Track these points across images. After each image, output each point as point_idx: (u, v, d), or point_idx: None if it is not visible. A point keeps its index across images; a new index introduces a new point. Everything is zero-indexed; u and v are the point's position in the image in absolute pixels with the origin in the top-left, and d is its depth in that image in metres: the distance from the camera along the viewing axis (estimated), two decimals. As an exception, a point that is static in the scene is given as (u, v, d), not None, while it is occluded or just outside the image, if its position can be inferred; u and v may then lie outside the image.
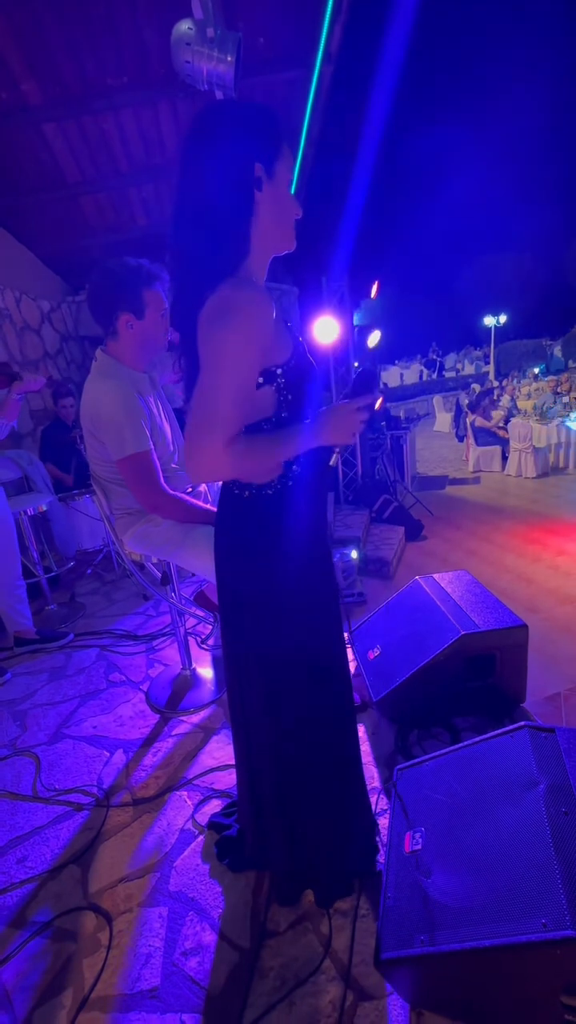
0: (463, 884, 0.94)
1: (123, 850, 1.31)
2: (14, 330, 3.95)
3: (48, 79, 3.00)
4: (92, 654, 2.30)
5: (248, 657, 1.00)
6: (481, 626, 1.55)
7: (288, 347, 0.86)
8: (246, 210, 0.82)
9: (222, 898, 1.16)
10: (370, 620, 1.97)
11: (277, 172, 0.83)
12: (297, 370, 0.86)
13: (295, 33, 2.90)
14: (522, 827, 0.93)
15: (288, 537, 0.90)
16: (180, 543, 1.48)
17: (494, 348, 18.58)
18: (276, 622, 0.94)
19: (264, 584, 0.92)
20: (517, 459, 6.93)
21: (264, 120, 0.82)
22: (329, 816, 1.07)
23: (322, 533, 0.98)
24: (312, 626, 0.96)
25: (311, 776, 1.04)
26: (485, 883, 0.91)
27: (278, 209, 0.85)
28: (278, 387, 0.85)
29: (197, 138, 0.81)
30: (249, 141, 0.80)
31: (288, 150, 0.86)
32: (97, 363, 1.52)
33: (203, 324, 0.80)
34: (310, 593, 0.95)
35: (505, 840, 0.94)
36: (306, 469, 0.91)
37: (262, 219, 0.84)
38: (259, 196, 0.82)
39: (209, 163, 0.80)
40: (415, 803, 1.17)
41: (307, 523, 0.92)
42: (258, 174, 0.81)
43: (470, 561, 4.42)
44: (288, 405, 0.87)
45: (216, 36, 1.78)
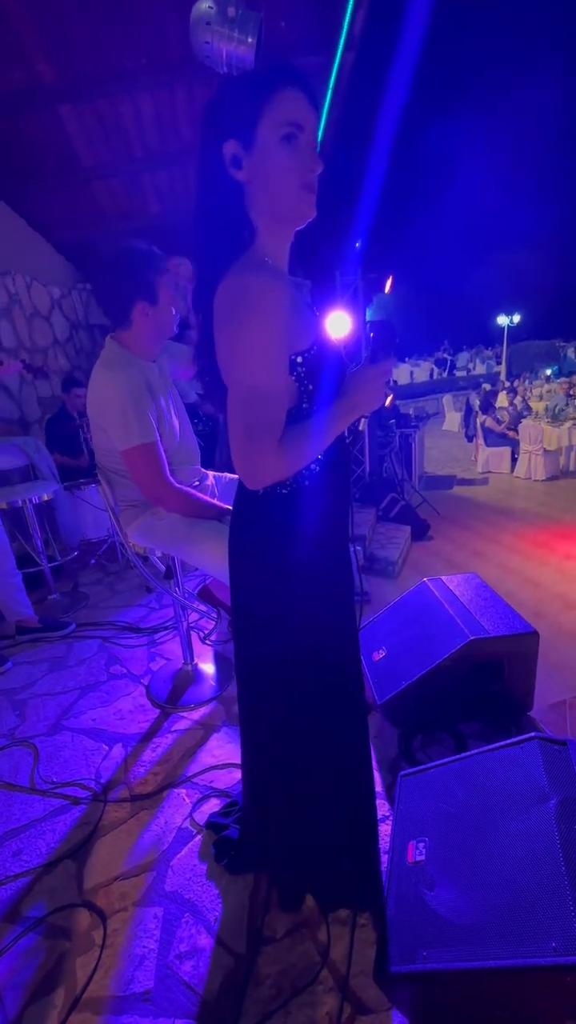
0: (469, 899, 0.91)
1: (119, 847, 1.29)
2: (23, 316, 3.92)
3: (64, 59, 2.94)
4: (94, 645, 2.29)
5: (260, 659, 0.97)
6: (490, 631, 1.51)
7: (310, 333, 0.80)
8: (231, 195, 0.77)
9: (219, 900, 1.14)
10: (376, 621, 1.94)
11: (260, 136, 0.73)
12: (319, 359, 0.80)
13: (317, 18, 2.83)
14: (532, 843, 0.90)
15: (303, 540, 0.86)
16: (184, 537, 1.45)
17: (506, 348, 18.40)
18: (289, 627, 0.90)
19: (277, 588, 0.88)
20: (527, 461, 6.85)
21: (240, 82, 0.75)
22: (336, 822, 1.03)
23: (341, 536, 0.93)
24: (326, 632, 0.92)
25: (320, 781, 1.00)
26: (492, 900, 0.88)
27: (270, 179, 0.75)
28: (298, 377, 0.79)
29: (200, 128, 0.78)
30: (216, 119, 0.75)
31: (287, 97, 0.72)
32: (105, 351, 1.48)
33: (217, 319, 0.76)
34: (325, 598, 0.91)
35: (513, 856, 0.91)
36: (325, 466, 0.86)
37: (258, 196, 0.77)
38: (242, 175, 0.76)
39: (199, 152, 0.78)
40: (418, 811, 1.14)
41: (325, 525, 0.88)
42: (232, 152, 0.75)
43: (476, 562, 4.37)
44: (309, 396, 0.81)
45: (237, 16, 1.73)
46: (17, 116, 3.31)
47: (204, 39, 1.78)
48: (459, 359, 21.88)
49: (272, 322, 0.73)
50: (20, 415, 3.76)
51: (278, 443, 0.75)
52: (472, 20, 45.25)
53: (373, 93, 4.25)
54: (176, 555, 1.56)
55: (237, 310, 0.72)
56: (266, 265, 0.78)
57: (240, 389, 0.75)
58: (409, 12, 3.11)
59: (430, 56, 4.86)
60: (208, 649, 2.14)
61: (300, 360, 0.78)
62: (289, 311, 0.74)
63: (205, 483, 1.67)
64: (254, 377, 0.73)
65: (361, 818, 1.06)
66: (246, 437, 0.74)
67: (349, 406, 0.83)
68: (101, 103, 3.32)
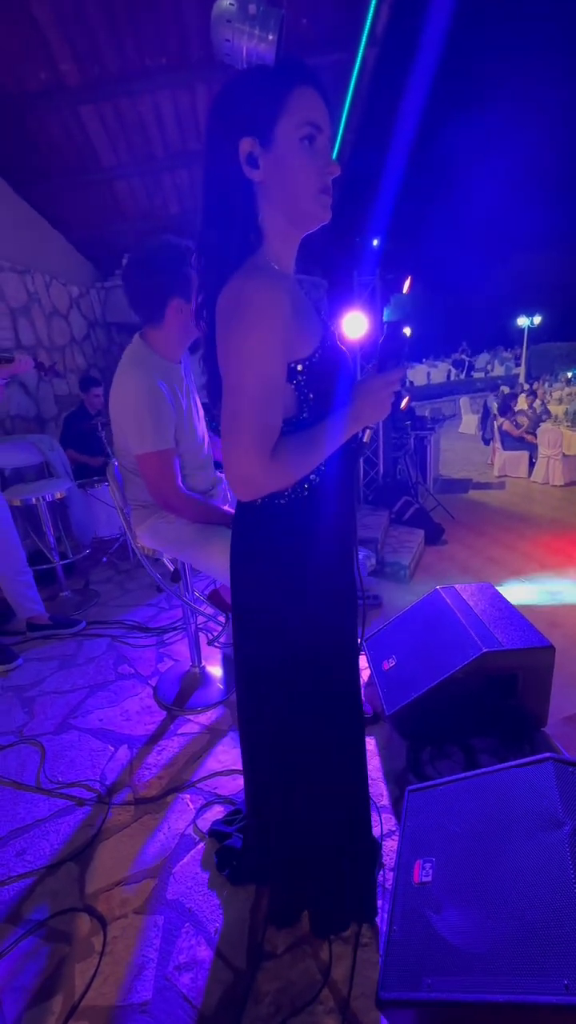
0: (476, 926, 0.88)
1: (122, 851, 1.28)
2: (43, 314, 3.96)
3: (87, 60, 2.96)
4: (103, 644, 2.29)
5: (258, 668, 0.95)
6: (504, 644, 1.47)
7: (312, 341, 0.77)
8: (243, 195, 0.73)
9: (220, 911, 1.12)
10: (386, 628, 1.91)
11: (279, 136, 0.71)
12: (322, 366, 0.78)
13: (340, 14, 2.80)
14: (544, 871, 0.87)
15: (303, 552, 0.83)
16: (192, 542, 1.43)
17: (526, 350, 18.09)
18: (287, 639, 0.88)
19: (275, 601, 0.86)
20: (545, 465, 6.72)
21: (258, 78, 0.71)
22: (331, 837, 1.01)
23: (345, 548, 0.91)
24: (325, 645, 0.90)
25: (316, 794, 0.98)
26: (501, 928, 0.85)
27: (287, 180, 0.72)
28: (298, 385, 0.77)
29: (207, 124, 0.75)
30: (232, 114, 0.71)
31: (304, 95, 0.70)
32: (132, 349, 1.45)
33: (218, 321, 0.74)
34: (325, 613, 0.88)
35: (525, 883, 0.87)
36: (327, 477, 0.83)
37: (272, 197, 0.74)
38: (257, 175, 0.72)
39: (207, 149, 0.74)
40: (426, 830, 1.11)
41: (326, 537, 0.85)
42: (248, 150, 0.71)
43: (490, 569, 4.30)
44: (309, 406, 0.78)
45: (258, 13, 1.70)
46: (40, 116, 3.34)
47: (224, 36, 1.75)
48: (477, 360, 21.59)
49: (270, 328, 0.70)
50: (37, 412, 3.80)
51: (271, 452, 0.73)
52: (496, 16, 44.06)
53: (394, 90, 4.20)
54: (183, 559, 1.55)
55: (236, 315, 0.70)
56: (272, 270, 0.76)
57: (233, 394, 0.72)
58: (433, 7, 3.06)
59: (456, 50, 4.70)
60: (216, 651, 2.13)
61: (300, 368, 0.76)
62: (290, 318, 0.72)
63: (218, 487, 1.65)
64: (248, 383, 0.71)
65: (356, 826, 1.04)
66: (237, 445, 0.72)
67: (353, 416, 0.79)
68: (122, 103, 3.34)
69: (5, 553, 2.24)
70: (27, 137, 3.47)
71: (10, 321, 3.57)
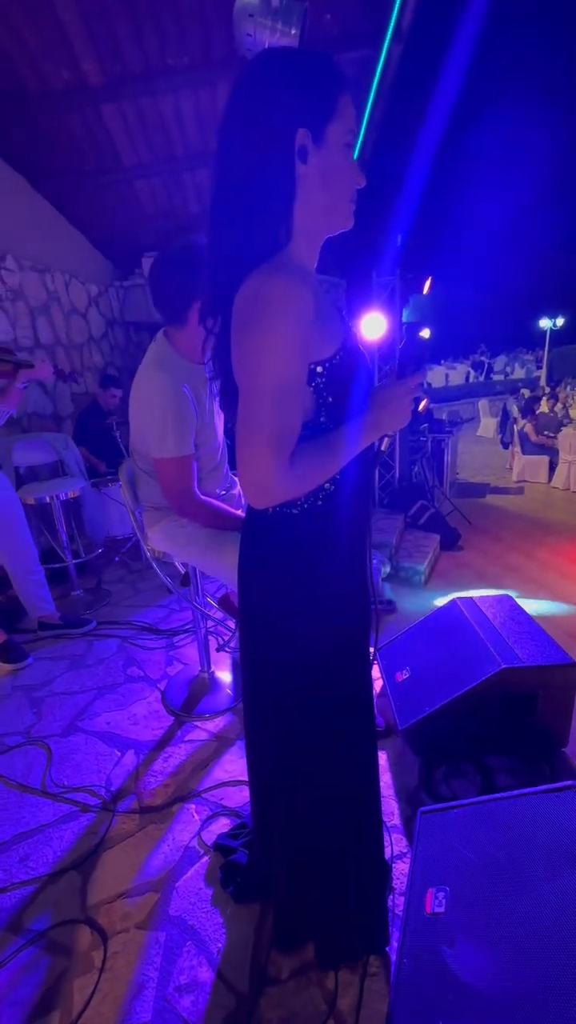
0: (493, 965, 0.83)
1: (125, 862, 1.26)
2: (61, 313, 3.98)
3: (109, 59, 2.96)
4: (113, 645, 2.28)
5: (266, 681, 0.92)
6: (525, 660, 1.41)
7: (334, 342, 0.73)
8: (286, 188, 0.68)
9: (223, 930, 1.09)
10: (400, 638, 1.86)
11: (329, 136, 0.68)
12: (342, 368, 0.74)
13: (364, 10, 2.75)
14: (567, 909, 0.81)
15: (314, 566, 0.79)
16: (203, 547, 1.41)
17: (548, 352, 17.75)
18: (296, 652, 0.84)
19: (285, 612, 0.82)
20: (566, 471, 6.56)
21: (314, 70, 0.67)
22: (338, 857, 0.97)
23: (358, 562, 0.86)
24: (336, 661, 0.86)
25: (323, 811, 0.94)
26: (520, 970, 0.80)
27: (331, 182, 0.71)
28: (317, 388, 0.73)
29: (234, 98, 0.69)
30: (290, 101, 0.66)
31: (348, 104, 0.70)
32: (155, 347, 1.43)
33: (236, 321, 0.69)
34: (335, 627, 0.84)
35: (545, 922, 0.82)
36: (342, 487, 0.79)
37: (310, 195, 0.70)
38: (303, 169, 0.68)
39: (243, 129, 0.67)
40: (440, 856, 1.06)
41: (339, 549, 0.81)
42: (302, 142, 0.67)
43: (508, 577, 4.20)
44: (328, 409, 0.74)
45: (281, 7, 1.67)
46: (62, 115, 3.35)
47: (247, 31, 1.72)
48: (496, 362, 21.25)
49: (294, 327, 0.66)
50: (53, 410, 3.83)
51: (289, 458, 0.69)
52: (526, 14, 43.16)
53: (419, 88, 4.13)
54: (194, 563, 1.52)
55: (258, 312, 0.66)
56: (297, 267, 0.71)
57: (251, 397, 0.68)
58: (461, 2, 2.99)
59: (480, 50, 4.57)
60: (226, 656, 2.10)
61: (320, 370, 0.71)
62: (313, 317, 0.68)
63: (232, 491, 1.62)
64: (267, 384, 0.67)
65: (365, 847, 0.99)
66: (253, 449, 0.68)
67: (371, 424, 0.76)
68: (144, 102, 3.33)
69: (18, 552, 2.24)
70: (49, 136, 3.49)
71: (29, 320, 3.60)
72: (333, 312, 0.77)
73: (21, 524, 2.25)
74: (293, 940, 1.02)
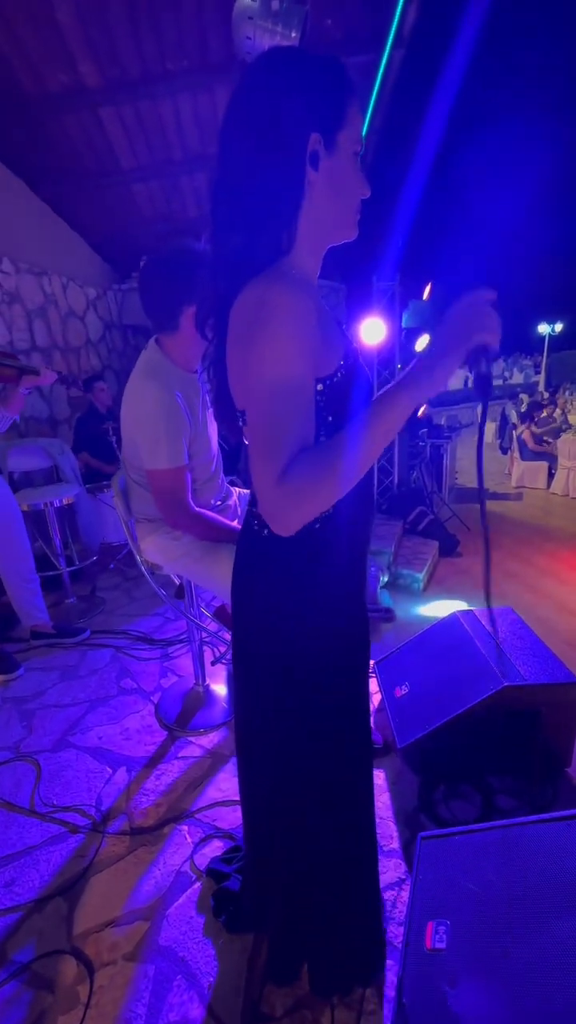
0: (498, 1010, 0.79)
1: (114, 887, 1.21)
2: (59, 316, 3.95)
3: (107, 61, 2.93)
4: (106, 655, 2.24)
5: (258, 697, 0.88)
6: (528, 678, 1.38)
7: (336, 356, 0.69)
8: (294, 193, 0.65)
9: (215, 962, 1.05)
10: (399, 652, 1.82)
11: (340, 144, 0.66)
12: (343, 386, 0.70)
13: (366, 14, 2.73)
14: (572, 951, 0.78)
15: (311, 594, 0.75)
16: (198, 560, 1.37)
17: (546, 357, 17.79)
18: (290, 677, 0.80)
19: (279, 638, 0.78)
20: (565, 477, 6.55)
21: (329, 75, 0.65)
22: (333, 885, 0.93)
23: (357, 583, 0.83)
24: (332, 689, 0.82)
25: (318, 833, 0.90)
26: (526, 1015, 0.76)
27: (338, 190, 0.68)
28: (317, 407, 0.68)
29: (241, 96, 0.65)
30: (304, 104, 0.63)
31: (358, 113, 0.67)
32: (147, 355, 1.39)
33: (234, 330, 0.66)
34: (332, 646, 0.80)
35: (550, 968, 0.78)
36: (342, 510, 0.74)
37: (317, 203, 0.67)
38: (313, 176, 0.65)
39: (250, 130, 0.64)
40: (440, 885, 1.02)
41: (337, 572, 0.77)
42: (314, 147, 0.64)
43: (507, 584, 4.16)
44: (328, 429, 0.69)
45: (281, 10, 1.64)
46: (60, 118, 3.33)
47: (246, 34, 1.70)
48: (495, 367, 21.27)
49: (298, 339, 0.62)
50: (50, 413, 3.79)
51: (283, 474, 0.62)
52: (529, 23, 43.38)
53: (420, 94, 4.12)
54: (188, 576, 1.48)
55: (261, 324, 0.61)
56: (299, 277, 0.67)
57: (257, 413, 0.63)
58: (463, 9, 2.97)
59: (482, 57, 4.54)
60: (221, 668, 2.06)
61: (321, 388, 0.67)
62: (316, 330, 0.64)
63: (228, 502, 1.58)
64: (273, 400, 0.62)
65: (362, 871, 0.95)
66: (260, 473, 0.62)
67: (419, 369, 0.61)
68: (142, 105, 3.31)
69: (16, 558, 2.20)
70: (47, 139, 3.47)
71: (26, 323, 3.56)
72: (334, 325, 0.74)
73: (20, 529, 2.21)
74: (287, 972, 0.98)
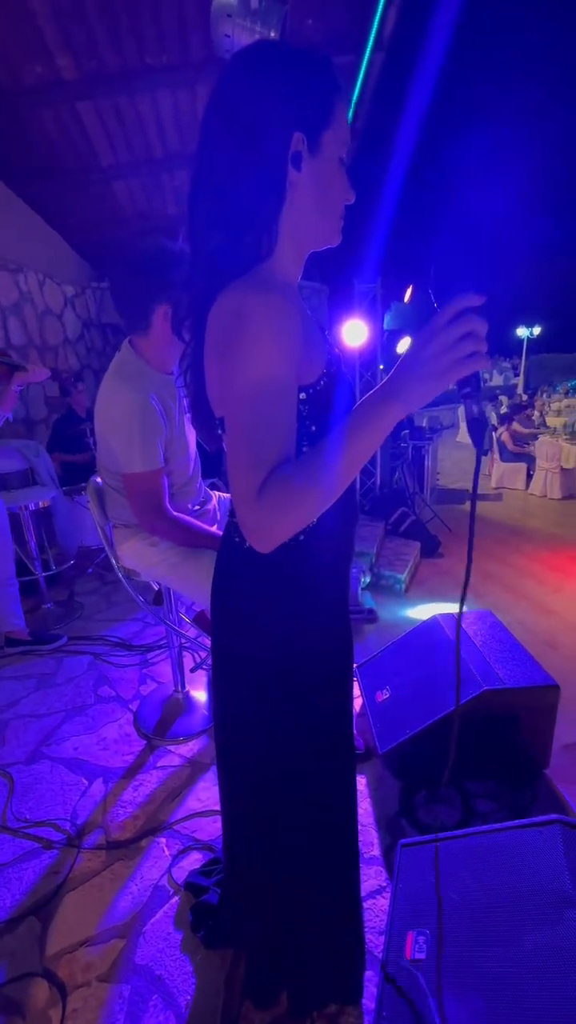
0: (475, 1018, 0.78)
1: (89, 904, 1.18)
2: (35, 314, 3.86)
3: (85, 55, 2.87)
4: (84, 662, 2.19)
5: (238, 707, 0.85)
6: (507, 682, 1.39)
7: (318, 366, 0.67)
8: (274, 196, 0.63)
9: (192, 980, 1.02)
10: (380, 656, 1.82)
11: (324, 145, 0.63)
12: (327, 394, 0.67)
13: (346, 17, 2.73)
14: (552, 963, 0.78)
15: (294, 603, 0.74)
16: (176, 567, 1.34)
17: (525, 360, 18.13)
18: (270, 688, 0.78)
19: (259, 652, 0.76)
20: (543, 478, 6.67)
21: (315, 73, 0.62)
22: (314, 895, 0.91)
23: (341, 597, 0.81)
24: (314, 706, 0.80)
25: (299, 842, 0.89)
26: None
27: (321, 194, 0.65)
28: (300, 416, 0.66)
29: (222, 89, 0.63)
30: (288, 101, 0.60)
31: (344, 113, 0.64)
32: (120, 357, 1.36)
33: (213, 336, 0.63)
34: (314, 656, 0.78)
35: (530, 974, 0.78)
36: (327, 520, 0.72)
37: (299, 205, 0.65)
38: (295, 177, 0.63)
39: (231, 126, 0.61)
40: (420, 894, 1.02)
41: (321, 588, 0.76)
42: (296, 148, 0.61)
43: (487, 585, 4.22)
44: (311, 438, 0.68)
45: (260, 8, 1.63)
46: (37, 112, 3.25)
47: (225, 31, 1.68)
48: (476, 369, 21.54)
49: (280, 346, 0.59)
50: (26, 414, 3.70)
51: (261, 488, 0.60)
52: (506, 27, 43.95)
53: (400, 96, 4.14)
54: (167, 584, 1.45)
55: (241, 330, 0.59)
56: (281, 282, 0.65)
57: (237, 424, 0.61)
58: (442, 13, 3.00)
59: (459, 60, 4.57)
60: (201, 674, 2.03)
61: (304, 396, 0.65)
62: (300, 338, 0.61)
63: (207, 507, 1.56)
64: (255, 410, 0.59)
65: (343, 881, 0.94)
66: (239, 486, 0.60)
67: (394, 387, 0.55)
68: (121, 101, 3.25)
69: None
70: (23, 133, 3.38)
71: (0, 320, 3.47)
72: (317, 331, 0.71)
73: (4, 532, 2.15)
74: (266, 993, 0.96)
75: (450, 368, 0.53)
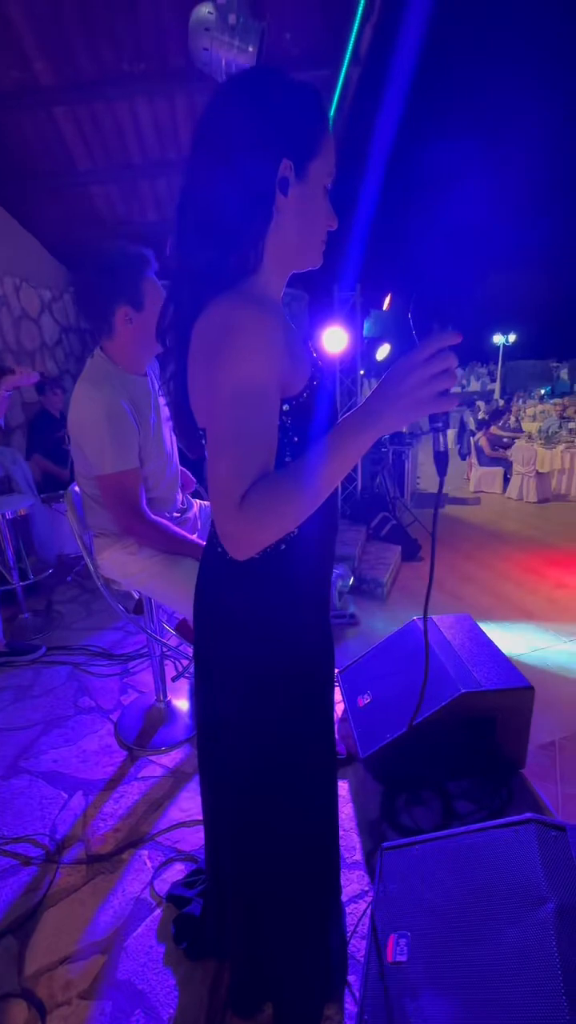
0: (456, 1019, 0.80)
1: (70, 920, 1.16)
2: (10, 318, 3.80)
3: (61, 60, 2.86)
4: (63, 673, 2.15)
5: (220, 719, 0.86)
6: (484, 684, 1.42)
7: (302, 378, 0.68)
8: (261, 216, 0.65)
9: (175, 993, 1.02)
10: (362, 661, 1.84)
11: (311, 173, 0.66)
12: (309, 405, 0.69)
13: (323, 32, 2.78)
14: (528, 958, 0.80)
15: (276, 612, 0.75)
16: (156, 576, 1.34)
17: (501, 366, 18.54)
18: (253, 695, 0.79)
19: (241, 661, 0.77)
20: (519, 482, 6.82)
21: (304, 103, 0.65)
22: (297, 902, 0.92)
23: (323, 604, 0.83)
24: (296, 714, 0.81)
25: (281, 851, 0.89)
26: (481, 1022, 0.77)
27: (306, 219, 0.68)
28: (283, 428, 0.67)
29: (216, 109, 0.65)
30: (279, 129, 0.63)
31: (331, 145, 0.68)
32: (91, 363, 1.36)
33: (197, 348, 0.64)
34: (296, 666, 0.79)
35: (508, 970, 0.80)
36: (309, 529, 0.73)
37: (284, 228, 0.67)
38: (282, 201, 0.65)
39: (224, 146, 0.63)
40: (401, 897, 1.03)
41: (302, 593, 0.77)
42: (284, 173, 0.64)
43: (466, 588, 4.29)
44: (293, 450, 0.69)
45: (238, 24, 1.65)
46: (12, 115, 3.22)
47: (203, 45, 1.70)
48: (454, 374, 21.92)
49: (264, 359, 0.61)
50: (3, 421, 3.63)
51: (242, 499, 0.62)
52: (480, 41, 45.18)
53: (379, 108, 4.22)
54: (147, 593, 1.45)
55: (226, 344, 0.60)
56: (265, 298, 0.67)
57: (218, 437, 0.62)
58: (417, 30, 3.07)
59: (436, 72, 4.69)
60: (183, 683, 2.02)
61: (287, 408, 0.67)
62: (283, 352, 0.63)
63: (187, 514, 1.56)
64: (237, 424, 0.60)
65: (325, 886, 0.95)
66: (220, 495, 0.61)
67: (372, 412, 0.58)
68: (98, 107, 3.25)
69: None
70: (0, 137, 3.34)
71: (-25, 325, 3.41)
72: (301, 343, 0.73)
73: None
74: (250, 1003, 0.96)
75: (427, 403, 0.57)
